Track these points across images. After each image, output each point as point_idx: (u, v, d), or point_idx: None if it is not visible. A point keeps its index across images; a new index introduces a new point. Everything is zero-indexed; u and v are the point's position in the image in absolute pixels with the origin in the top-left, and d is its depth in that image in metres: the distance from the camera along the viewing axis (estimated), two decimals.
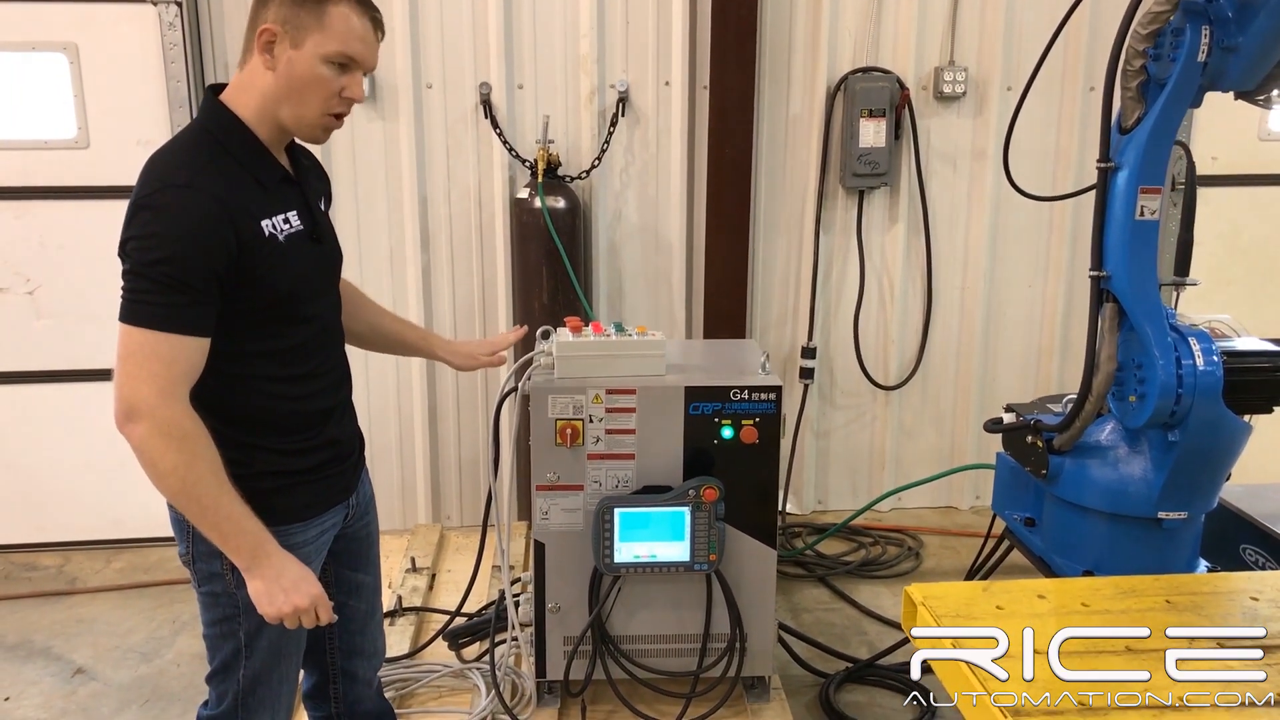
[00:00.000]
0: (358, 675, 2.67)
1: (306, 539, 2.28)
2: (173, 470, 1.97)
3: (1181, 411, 2.69)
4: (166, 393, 1.94)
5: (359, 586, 2.59)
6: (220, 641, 2.30)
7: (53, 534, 4.78)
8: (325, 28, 2.04)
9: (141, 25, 4.35)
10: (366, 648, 2.67)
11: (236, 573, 2.15)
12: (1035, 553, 3.16)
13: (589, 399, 3.08)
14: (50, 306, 4.54)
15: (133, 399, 1.93)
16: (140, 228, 1.95)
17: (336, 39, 2.05)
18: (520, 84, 4.62)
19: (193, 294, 1.95)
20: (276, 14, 2.03)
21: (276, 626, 2.23)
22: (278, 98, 2.07)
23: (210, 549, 2.15)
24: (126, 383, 1.94)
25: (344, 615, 2.52)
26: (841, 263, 4.98)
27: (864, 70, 4.74)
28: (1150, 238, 2.69)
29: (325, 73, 2.06)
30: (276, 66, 2.04)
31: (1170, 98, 2.61)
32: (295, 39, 2.03)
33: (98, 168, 4.45)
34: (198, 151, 2.04)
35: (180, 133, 2.15)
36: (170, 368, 1.95)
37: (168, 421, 1.94)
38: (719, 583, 3.17)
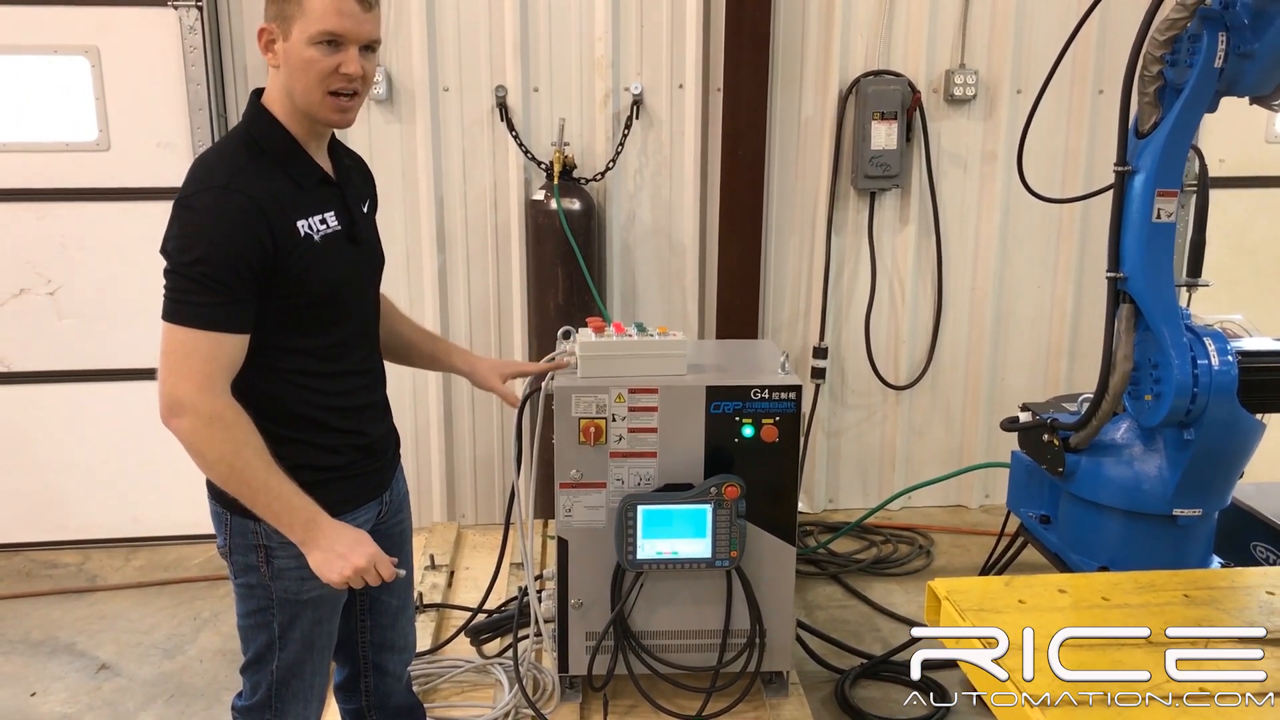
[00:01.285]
0: (388, 669, 2.71)
1: None
2: (220, 459, 2.05)
3: (1197, 410, 2.75)
4: (206, 388, 2.02)
5: (392, 582, 2.58)
6: (254, 633, 2.36)
7: (73, 532, 4.82)
8: (305, 12, 2.07)
9: (162, 29, 4.39)
10: (397, 642, 2.70)
11: (271, 565, 2.24)
12: (1051, 549, 3.21)
13: (612, 398, 3.13)
14: (71, 307, 4.59)
15: (175, 394, 2.01)
16: (180, 228, 2.03)
17: (316, 19, 2.07)
18: (536, 87, 4.66)
19: (230, 292, 2.02)
20: (270, 12, 2.11)
21: (309, 618, 2.33)
22: (288, 89, 2.13)
23: (246, 542, 2.25)
24: (169, 379, 2.02)
25: (375, 610, 2.60)
26: (853, 263, 5.02)
27: (875, 73, 4.78)
28: (1167, 240, 2.75)
29: (314, 54, 2.08)
30: (279, 62, 2.12)
31: (1187, 103, 2.67)
32: (285, 31, 2.09)
33: (118, 170, 4.49)
34: (237, 153, 2.11)
35: (225, 135, 2.25)
36: (210, 363, 2.02)
37: (210, 413, 2.02)
38: (739, 579, 3.22)
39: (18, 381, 4.64)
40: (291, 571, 2.26)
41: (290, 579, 2.27)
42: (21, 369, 4.63)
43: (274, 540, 2.22)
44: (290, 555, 2.22)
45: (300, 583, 2.27)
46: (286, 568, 2.26)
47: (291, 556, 2.22)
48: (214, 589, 4.42)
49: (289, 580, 2.27)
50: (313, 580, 2.22)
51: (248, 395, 2.11)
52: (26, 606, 4.32)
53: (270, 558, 2.25)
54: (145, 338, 4.63)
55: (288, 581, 2.27)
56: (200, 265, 1.99)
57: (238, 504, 2.16)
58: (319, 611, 2.37)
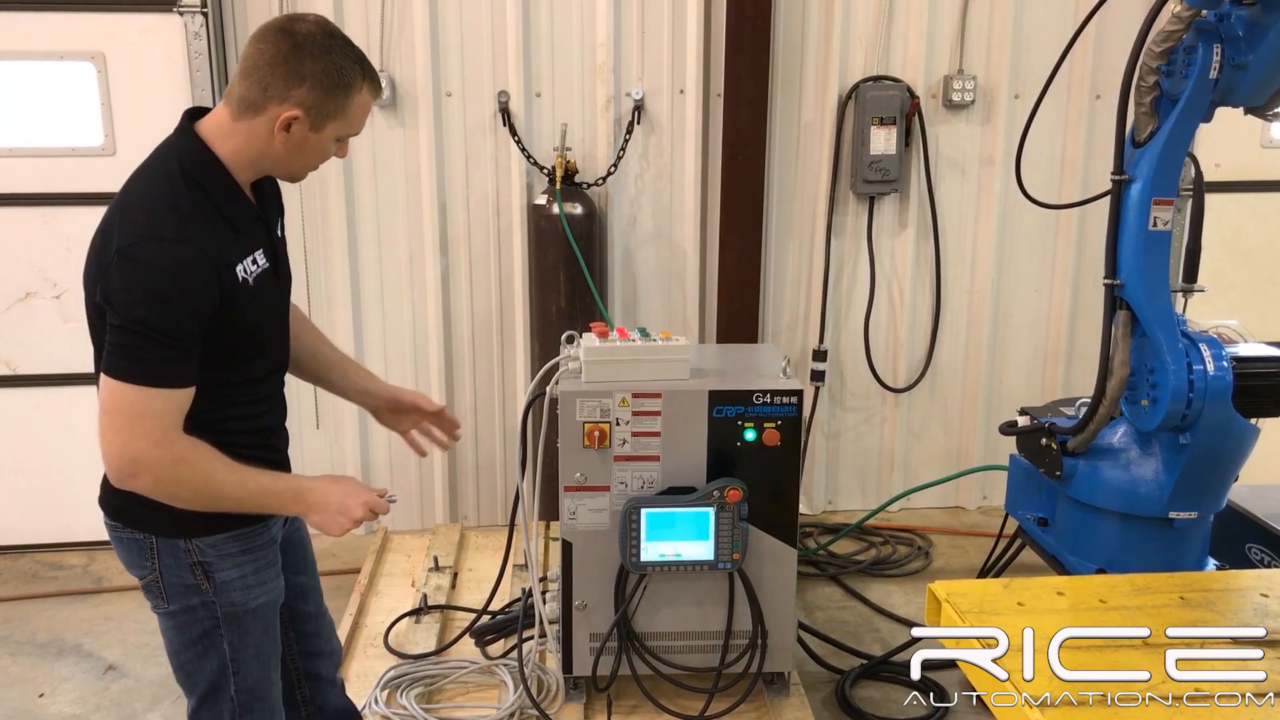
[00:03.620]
0: (321, 674, 2.65)
1: (270, 537, 2.31)
2: (193, 496, 2.06)
3: (1193, 415, 2.79)
4: (164, 442, 2.00)
5: (304, 589, 2.56)
6: (201, 663, 2.25)
7: (79, 534, 4.84)
8: (347, 115, 2.12)
9: (167, 35, 4.40)
10: (324, 646, 2.65)
11: (213, 579, 2.17)
12: (1049, 551, 3.26)
13: (616, 402, 3.16)
14: (77, 310, 4.56)
15: (130, 455, 1.99)
16: (129, 280, 1.95)
17: (354, 125, 2.15)
18: (538, 92, 4.69)
19: (181, 348, 1.99)
20: (303, 99, 2.06)
21: (258, 628, 2.26)
22: (275, 159, 2.13)
23: (179, 562, 2.16)
24: (118, 439, 1.99)
25: (296, 620, 2.53)
26: (852, 267, 5.05)
27: (875, 79, 4.81)
28: (1163, 247, 2.79)
29: (333, 147, 2.17)
30: (288, 141, 2.09)
31: (1183, 113, 2.71)
32: (316, 123, 2.09)
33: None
34: (179, 197, 2.04)
35: (156, 167, 2.13)
36: (163, 420, 2.00)
37: (169, 465, 2.01)
38: (741, 581, 3.26)
39: (24, 384, 4.66)
40: (235, 582, 2.21)
41: (235, 590, 2.21)
42: (27, 372, 4.65)
43: (210, 555, 2.17)
44: (231, 565, 2.19)
45: (246, 591, 2.23)
46: (229, 579, 2.20)
47: (233, 566, 2.20)
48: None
49: (234, 592, 2.21)
50: (258, 587, 2.24)
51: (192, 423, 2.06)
52: (33, 608, 4.35)
53: (210, 573, 2.18)
54: None
55: (233, 593, 2.21)
56: (153, 322, 1.94)
57: (158, 522, 2.13)
58: (266, 619, 2.31)
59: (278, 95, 2.04)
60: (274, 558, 2.31)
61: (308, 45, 2.05)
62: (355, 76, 2.10)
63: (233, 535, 2.18)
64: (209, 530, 2.15)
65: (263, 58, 2.05)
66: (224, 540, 2.17)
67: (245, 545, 2.21)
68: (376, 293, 4.78)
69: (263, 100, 2.05)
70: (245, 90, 2.06)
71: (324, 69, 2.05)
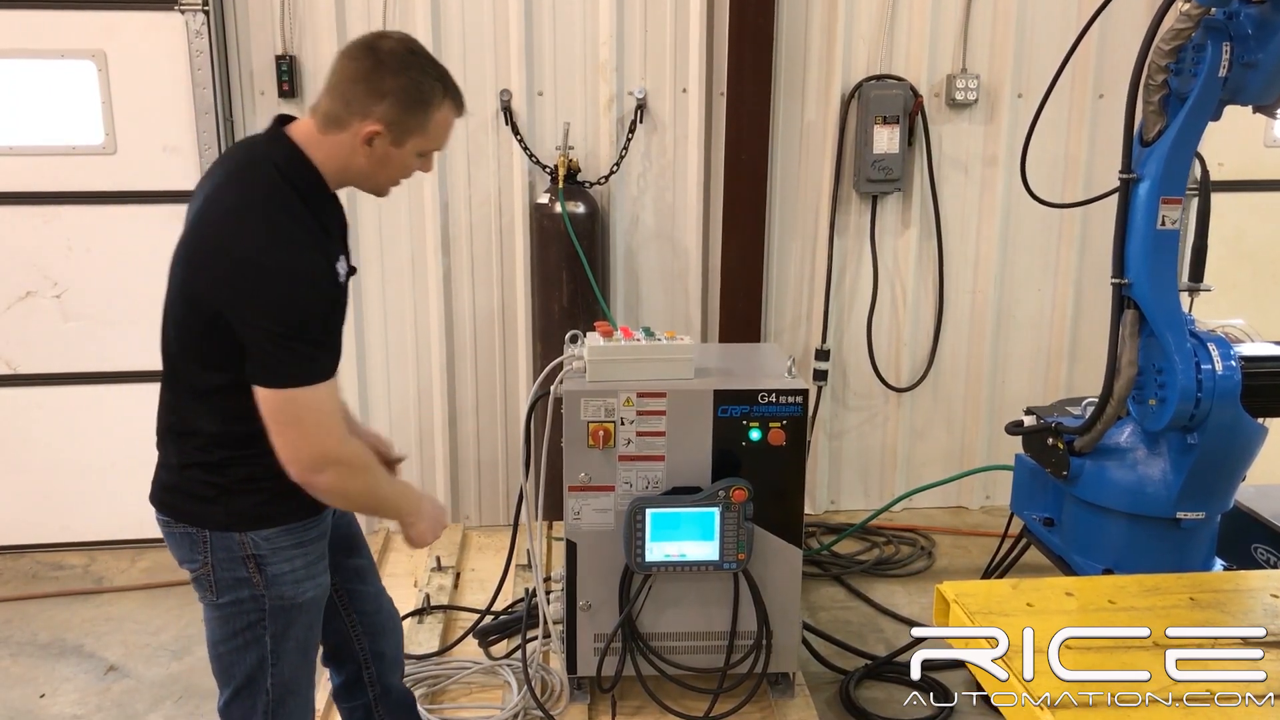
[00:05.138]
0: (385, 653, 2.74)
1: (322, 531, 2.37)
2: (361, 493, 2.28)
3: (1201, 415, 2.78)
4: (340, 436, 2.16)
5: (360, 570, 2.67)
6: (239, 655, 2.30)
7: (79, 534, 4.83)
8: (428, 131, 2.21)
9: (168, 33, 4.39)
10: (386, 624, 2.74)
11: (264, 572, 2.24)
12: (1055, 552, 3.25)
13: (620, 402, 3.15)
14: (77, 309, 4.60)
15: (318, 453, 2.12)
16: (265, 288, 2.03)
17: (435, 140, 2.24)
18: (540, 91, 4.68)
19: (322, 342, 2.13)
20: (384, 115, 2.14)
21: (303, 623, 2.33)
22: (360, 173, 2.22)
23: (232, 555, 2.22)
24: (308, 441, 2.11)
25: (357, 599, 2.64)
26: (855, 267, 5.05)
27: (878, 78, 4.80)
28: (1171, 246, 2.78)
29: (416, 162, 2.26)
30: (371, 155, 2.18)
31: (1191, 111, 2.70)
32: (397, 139, 2.17)
33: (125, 173, 4.50)
34: (287, 201, 2.12)
35: (252, 170, 2.17)
36: (334, 413, 2.15)
37: (349, 461, 2.18)
38: (746, 581, 3.25)
39: (24, 384, 4.65)
40: (286, 576, 2.26)
41: (286, 583, 2.27)
42: (28, 371, 4.64)
43: (263, 548, 2.23)
44: (283, 559, 2.25)
45: (296, 585, 2.28)
46: (281, 573, 2.26)
47: (284, 560, 2.25)
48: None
49: (285, 585, 2.27)
50: (308, 581, 2.31)
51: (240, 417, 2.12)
52: (34, 608, 4.34)
53: (262, 566, 2.23)
54: (150, 341, 4.61)
55: (284, 587, 2.27)
56: (297, 325, 2.05)
57: (213, 517, 2.20)
58: (312, 614, 2.37)
59: (360, 111, 2.13)
60: (324, 551, 2.38)
61: (389, 62, 2.14)
62: (436, 93, 2.18)
63: (286, 529, 2.25)
64: (263, 524, 2.22)
65: (346, 74, 2.15)
66: (277, 534, 2.24)
67: (298, 539, 2.27)
68: (379, 292, 4.76)
69: (346, 115, 2.14)
70: (330, 105, 2.16)
71: (404, 85, 2.14)
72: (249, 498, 2.21)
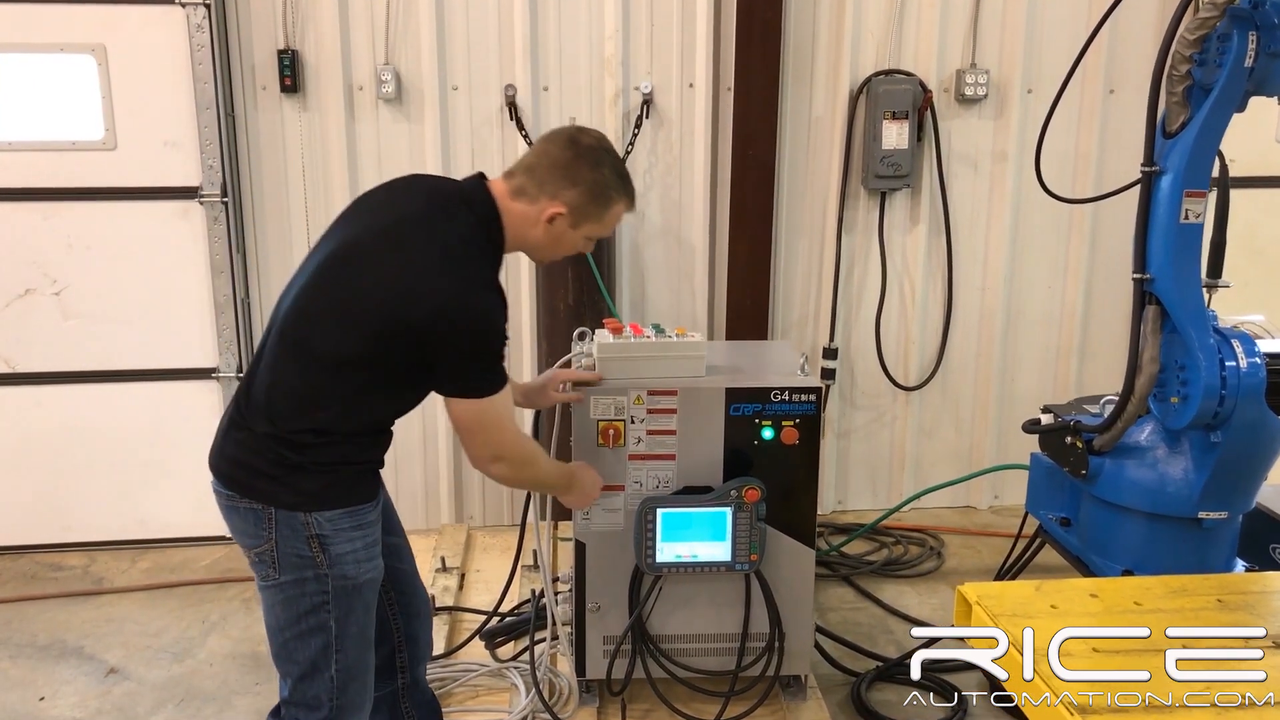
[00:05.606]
0: (419, 638, 2.81)
1: (378, 514, 2.48)
2: (526, 480, 2.78)
3: (1225, 413, 2.73)
4: (513, 434, 2.52)
5: (396, 548, 2.72)
6: (306, 640, 2.38)
7: (78, 534, 4.77)
8: (603, 221, 2.54)
9: (169, 27, 4.35)
10: (421, 607, 2.81)
11: (328, 552, 2.33)
12: (1072, 552, 3.20)
13: (630, 400, 3.10)
14: (77, 307, 4.55)
15: (499, 448, 2.47)
16: (469, 321, 2.29)
17: (606, 229, 2.59)
18: (546, 86, 4.64)
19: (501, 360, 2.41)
20: (571, 200, 2.45)
21: (362, 605, 2.43)
22: (533, 243, 2.52)
23: (297, 534, 2.31)
24: (489, 441, 2.44)
25: (394, 578, 2.69)
26: (863, 263, 5.00)
27: (886, 73, 4.77)
28: (1194, 241, 2.74)
29: (583, 244, 2.58)
30: (549, 233, 2.48)
31: (1216, 102, 2.65)
32: (575, 223, 2.49)
33: (125, 169, 4.45)
34: (485, 251, 2.43)
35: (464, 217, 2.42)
36: (510, 415, 2.50)
37: (520, 455, 2.55)
38: (759, 582, 3.19)
39: (23, 382, 4.60)
40: (348, 556, 2.36)
41: (349, 563, 2.36)
42: (27, 370, 4.59)
43: (327, 528, 2.32)
44: (345, 540, 2.35)
45: (357, 565, 2.38)
46: (344, 553, 2.35)
47: (346, 541, 2.35)
48: (222, 591, 4.39)
49: (348, 565, 2.36)
50: (368, 562, 2.41)
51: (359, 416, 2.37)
52: (33, 610, 4.28)
53: (326, 546, 2.33)
54: (151, 339, 4.68)
55: (346, 566, 2.36)
56: (488, 350, 2.34)
57: (280, 495, 2.31)
58: (369, 595, 2.46)
59: (550, 192, 2.44)
60: (379, 536, 2.48)
61: (587, 156, 2.46)
62: (618, 192, 2.53)
63: (348, 511, 2.36)
64: (328, 505, 2.33)
65: (548, 158, 2.47)
66: (340, 515, 2.34)
67: (358, 521, 2.38)
68: None
69: (537, 192, 2.45)
70: (525, 180, 2.46)
71: (595, 180, 2.47)
72: (319, 479, 2.32)
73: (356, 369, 2.31)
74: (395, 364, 2.31)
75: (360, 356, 2.30)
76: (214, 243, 4.53)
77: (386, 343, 2.28)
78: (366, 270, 2.33)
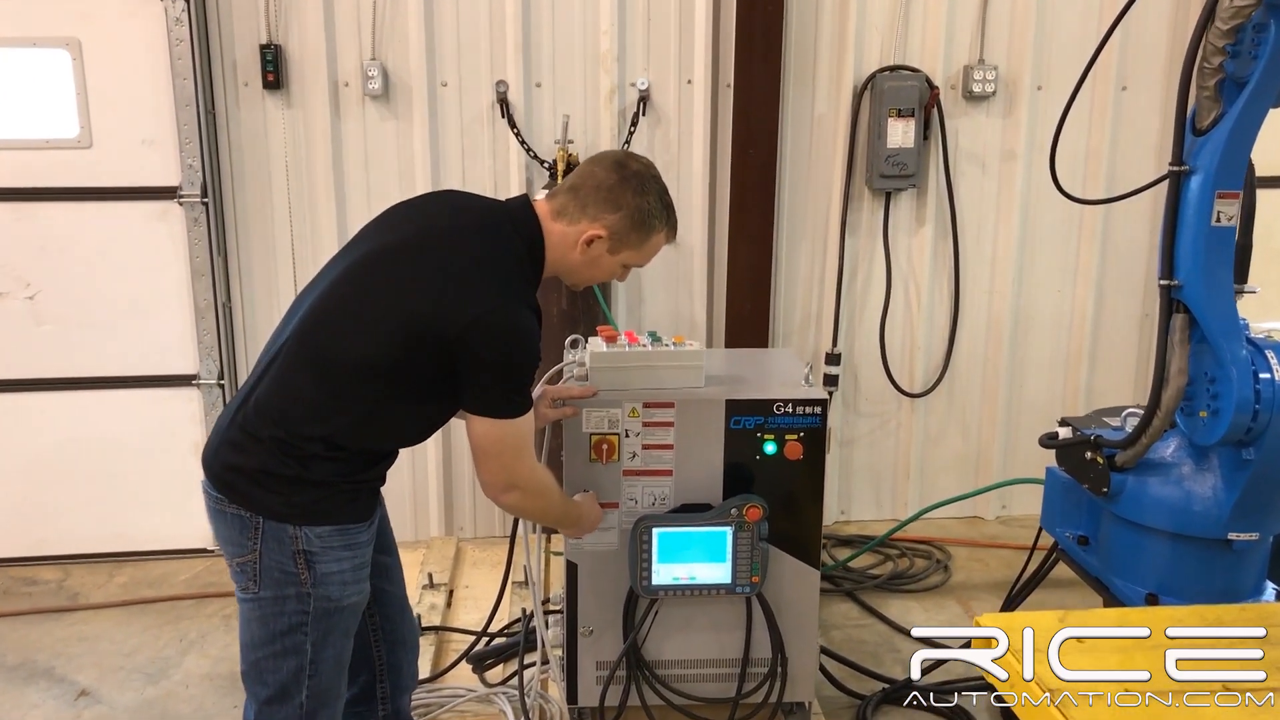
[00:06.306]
0: (402, 668, 2.71)
1: (370, 536, 2.40)
2: (543, 512, 2.66)
3: (1259, 428, 2.58)
4: (530, 464, 2.42)
5: (387, 569, 2.63)
6: (279, 661, 2.28)
7: (53, 547, 4.61)
8: (642, 249, 2.51)
9: (146, 20, 4.20)
10: (407, 636, 2.72)
11: (314, 570, 2.24)
12: (1091, 573, 3.04)
13: (625, 412, 2.94)
14: (51, 312, 4.39)
15: (515, 476, 2.38)
16: (505, 338, 2.23)
17: (644, 258, 2.55)
18: (538, 82, 4.51)
19: (529, 384, 2.37)
20: (612, 225, 2.42)
21: (341, 630, 2.34)
22: (570, 265, 2.47)
23: (284, 548, 2.23)
24: (505, 467, 2.36)
25: (382, 600, 2.59)
26: (867, 266, 4.87)
27: (892, 69, 4.64)
28: (1226, 245, 2.58)
29: (620, 271, 2.55)
30: (586, 255, 2.44)
31: (1251, 97, 2.50)
32: (614, 248, 2.46)
33: (101, 168, 4.30)
34: (526, 271, 2.40)
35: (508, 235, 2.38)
36: (529, 442, 2.41)
37: (535, 484, 2.46)
38: (760, 605, 3.03)
39: None
40: (334, 576, 2.27)
41: (334, 584, 2.27)
42: None
43: (315, 544, 2.24)
44: (333, 559, 2.26)
45: (343, 587, 2.29)
46: (330, 573, 2.26)
47: (334, 560, 2.26)
48: (201, 607, 4.22)
49: (332, 585, 2.27)
50: (354, 585, 2.32)
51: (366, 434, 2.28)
52: (4, 627, 4.11)
53: (312, 563, 2.24)
54: (129, 345, 4.52)
55: (331, 587, 2.27)
56: (518, 370, 2.28)
57: (271, 505, 2.22)
58: (350, 620, 2.37)
59: (593, 215, 2.41)
60: (369, 559, 2.40)
61: (632, 181, 2.42)
62: (660, 221, 2.49)
63: (338, 529, 2.27)
64: (319, 520, 2.25)
65: (594, 180, 2.43)
66: (330, 533, 2.26)
67: (349, 540, 2.30)
68: None
69: (579, 214, 2.42)
70: (568, 201, 2.43)
71: (639, 206, 2.43)
72: (314, 492, 2.24)
73: (377, 377, 2.24)
74: (419, 375, 2.25)
75: (383, 363, 2.23)
76: (194, 245, 4.38)
77: (413, 352, 2.22)
78: (402, 275, 2.27)
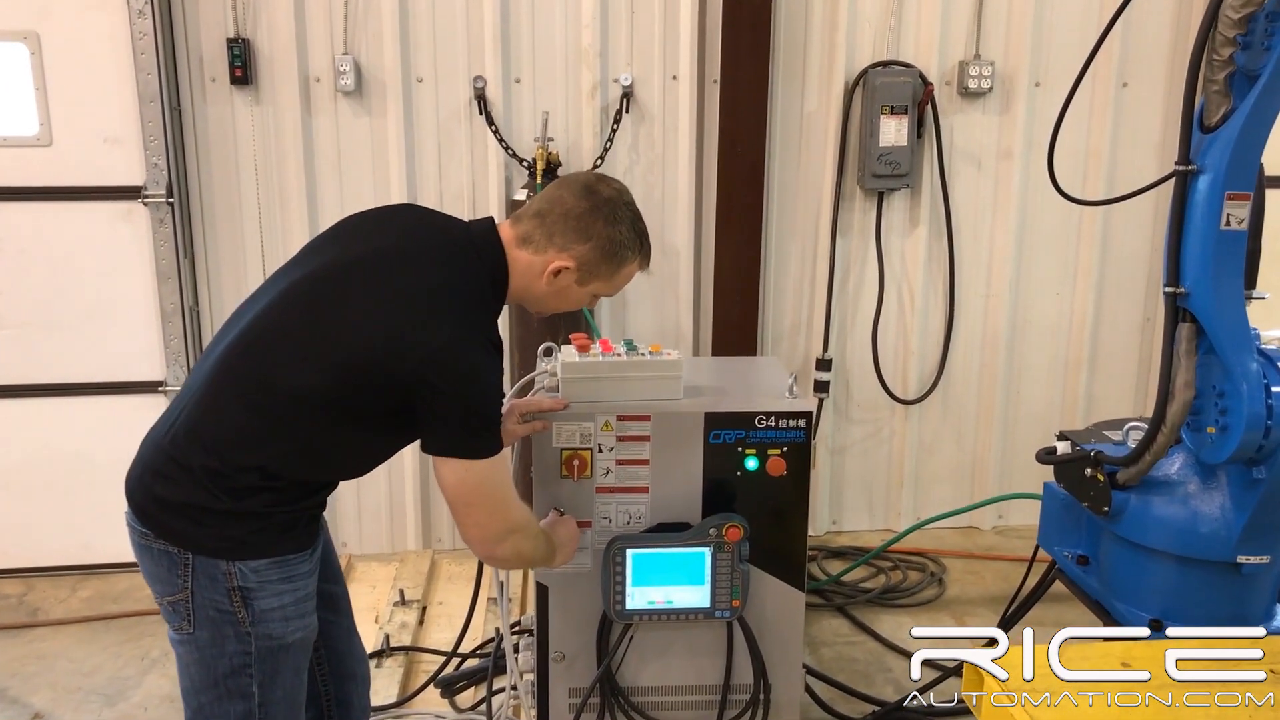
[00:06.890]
0: (352, 702, 2.55)
1: (312, 566, 2.24)
2: (544, 554, 2.47)
3: (1270, 445, 2.42)
4: (520, 506, 2.31)
5: (334, 598, 2.49)
6: (225, 704, 2.14)
7: (15, 559, 4.47)
8: (612, 280, 2.35)
9: (109, 13, 4.07)
10: (357, 669, 2.58)
11: (251, 608, 2.09)
12: (1091, 595, 2.89)
13: (598, 426, 2.78)
14: (10, 317, 4.25)
15: (502, 527, 2.24)
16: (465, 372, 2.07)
17: (616, 288, 2.39)
18: (518, 78, 4.40)
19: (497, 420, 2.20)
20: (581, 256, 2.26)
21: (290, 668, 2.19)
22: (535, 295, 2.33)
23: (217, 585, 2.07)
24: (493, 516, 2.21)
25: (328, 632, 2.43)
26: (859, 269, 4.75)
27: (884, 64, 4.53)
28: (1237, 250, 2.42)
29: (588, 300, 2.39)
30: (552, 286, 2.29)
31: (1264, 91, 2.33)
32: (583, 279, 2.30)
33: (61, 167, 4.17)
34: (487, 300, 2.25)
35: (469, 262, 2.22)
36: (510, 483, 2.31)
37: (526, 529, 2.34)
38: (742, 630, 2.87)
39: None
40: (274, 612, 2.12)
41: (274, 621, 2.12)
42: None
43: (251, 579, 2.08)
44: (271, 594, 2.11)
45: (285, 624, 2.14)
46: (269, 608, 2.11)
47: (273, 595, 2.11)
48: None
49: (273, 623, 2.12)
50: (297, 620, 2.16)
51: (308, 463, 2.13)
52: None
53: (249, 600, 2.08)
54: (91, 349, 4.36)
55: (272, 624, 2.12)
56: (486, 406, 2.12)
57: (201, 540, 2.07)
58: (298, 658, 2.22)
59: (560, 245, 2.26)
60: (313, 590, 2.25)
61: (603, 209, 2.27)
62: (633, 251, 2.33)
63: (275, 561, 2.12)
64: (253, 554, 2.09)
65: (562, 206, 2.26)
66: (267, 566, 2.11)
67: (287, 573, 2.14)
68: None
69: (545, 243, 2.26)
70: (533, 228, 2.27)
71: (610, 236, 2.27)
72: (246, 525, 2.08)
73: (319, 408, 2.07)
74: (367, 409, 2.10)
75: (328, 395, 2.07)
76: (159, 246, 4.24)
77: (360, 385, 2.06)
78: (351, 300, 2.10)
